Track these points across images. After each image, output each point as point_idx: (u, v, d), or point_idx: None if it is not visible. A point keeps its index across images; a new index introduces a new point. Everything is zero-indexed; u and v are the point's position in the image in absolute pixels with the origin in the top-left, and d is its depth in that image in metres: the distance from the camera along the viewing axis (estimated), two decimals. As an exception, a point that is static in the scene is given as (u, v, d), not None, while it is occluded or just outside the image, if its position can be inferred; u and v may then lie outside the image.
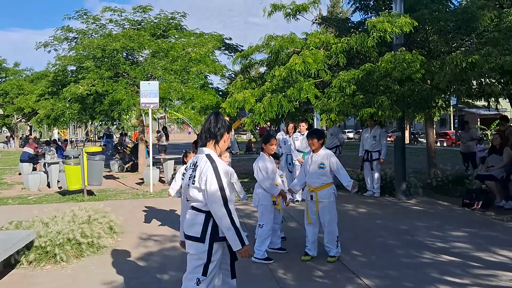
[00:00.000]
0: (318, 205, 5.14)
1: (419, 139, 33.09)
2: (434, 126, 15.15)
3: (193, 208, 3.07)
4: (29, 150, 14.41)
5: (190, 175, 3.08)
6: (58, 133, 42.28)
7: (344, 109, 8.08)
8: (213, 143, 3.11)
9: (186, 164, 6.60)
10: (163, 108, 14.79)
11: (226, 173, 3.03)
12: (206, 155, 3.05)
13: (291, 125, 9.59)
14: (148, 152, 13.74)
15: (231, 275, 3.24)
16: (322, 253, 5.27)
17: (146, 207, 8.71)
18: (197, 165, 3.04)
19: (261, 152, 5.43)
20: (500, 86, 9.49)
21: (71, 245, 5.40)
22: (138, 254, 5.66)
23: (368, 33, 8.48)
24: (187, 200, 3.15)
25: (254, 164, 5.40)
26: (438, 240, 5.97)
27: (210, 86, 15.67)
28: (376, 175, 9.42)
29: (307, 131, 7.68)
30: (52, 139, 23.12)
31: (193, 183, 3.02)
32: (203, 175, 2.96)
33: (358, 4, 11.15)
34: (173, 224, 7.13)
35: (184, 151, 6.81)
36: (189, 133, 50.56)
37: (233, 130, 11.77)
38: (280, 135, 9.69)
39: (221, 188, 2.92)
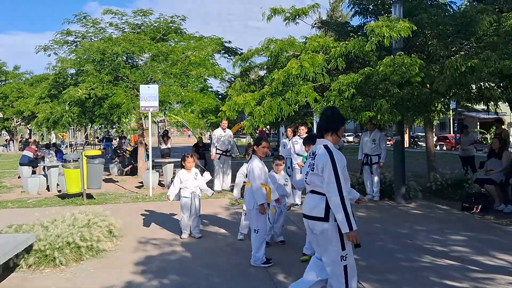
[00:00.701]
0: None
1: (419, 143, 33.09)
2: (434, 129, 15.16)
3: (313, 192, 3.47)
4: (28, 153, 14.37)
5: (310, 163, 3.47)
6: (57, 136, 42.21)
7: (343, 112, 8.09)
8: (329, 135, 3.49)
9: (184, 168, 6.66)
10: (163, 112, 14.77)
11: (341, 161, 3.35)
12: (324, 145, 3.41)
13: (289, 130, 9.61)
14: (147, 155, 13.73)
15: None
16: (322, 257, 5.26)
17: (145, 210, 8.70)
18: (316, 154, 3.41)
19: (252, 155, 5.46)
20: (499, 90, 9.53)
21: (70, 249, 5.40)
22: (137, 258, 5.66)
23: (367, 37, 8.51)
24: (308, 185, 3.52)
25: (248, 166, 5.43)
26: (437, 244, 5.97)
27: (209, 89, 15.65)
28: (376, 178, 9.43)
29: (305, 136, 7.73)
30: (52, 142, 23.12)
31: (312, 170, 3.41)
32: (320, 163, 3.33)
33: (357, 8, 11.18)
34: (173, 227, 7.13)
35: (183, 154, 6.82)
36: (189, 136, 50.45)
37: (232, 133, 11.78)
38: (282, 138, 9.74)
39: (336, 176, 3.27)
